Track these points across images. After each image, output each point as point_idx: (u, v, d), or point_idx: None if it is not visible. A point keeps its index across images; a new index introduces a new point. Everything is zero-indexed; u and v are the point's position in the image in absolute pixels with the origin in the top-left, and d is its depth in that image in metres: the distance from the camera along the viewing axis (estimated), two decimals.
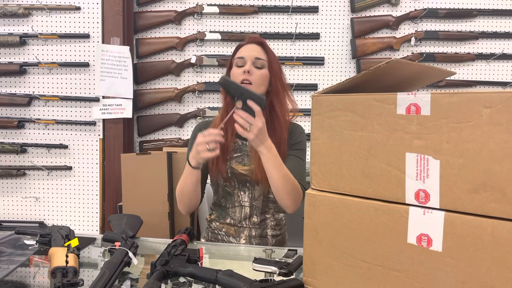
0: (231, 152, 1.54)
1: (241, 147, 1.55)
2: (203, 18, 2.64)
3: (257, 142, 1.30)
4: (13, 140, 2.58)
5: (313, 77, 2.66)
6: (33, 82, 2.57)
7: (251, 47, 1.53)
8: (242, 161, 1.53)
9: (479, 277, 0.79)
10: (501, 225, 0.77)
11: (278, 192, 1.39)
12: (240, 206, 1.55)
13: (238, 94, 1.26)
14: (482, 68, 2.64)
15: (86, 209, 2.62)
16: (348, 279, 0.99)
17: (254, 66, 1.49)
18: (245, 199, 1.54)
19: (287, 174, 1.38)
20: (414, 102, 0.86)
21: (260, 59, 1.50)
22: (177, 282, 1.12)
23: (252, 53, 1.50)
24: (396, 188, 0.90)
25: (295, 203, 1.42)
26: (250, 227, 1.55)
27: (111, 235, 1.33)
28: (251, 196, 1.54)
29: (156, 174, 2.08)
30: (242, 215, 1.55)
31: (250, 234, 1.54)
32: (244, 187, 1.54)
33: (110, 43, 2.48)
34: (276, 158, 1.35)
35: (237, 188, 1.55)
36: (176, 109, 2.69)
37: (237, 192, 1.55)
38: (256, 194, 1.54)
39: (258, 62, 1.49)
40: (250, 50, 1.51)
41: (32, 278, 1.22)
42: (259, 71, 1.49)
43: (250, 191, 1.54)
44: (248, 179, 1.52)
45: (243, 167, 1.52)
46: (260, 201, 1.54)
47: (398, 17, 2.59)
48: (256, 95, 1.27)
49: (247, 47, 1.53)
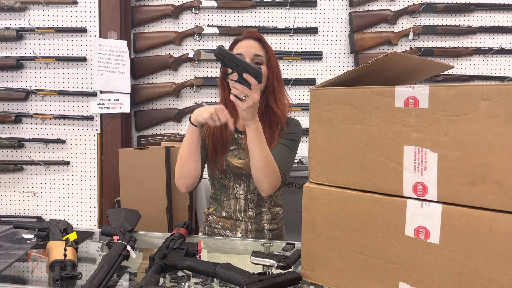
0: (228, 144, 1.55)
1: (237, 140, 1.56)
2: (200, 12, 2.63)
3: (248, 115, 1.30)
4: (10, 135, 2.57)
5: (311, 71, 2.66)
6: (30, 77, 2.56)
7: (249, 43, 1.52)
8: (238, 154, 1.54)
9: (476, 269, 0.80)
10: (498, 217, 0.77)
11: (256, 171, 1.39)
12: (235, 199, 1.55)
13: (234, 66, 1.26)
14: (480, 62, 2.65)
15: (84, 204, 2.62)
16: (346, 272, 0.99)
17: (253, 62, 1.48)
18: (240, 191, 1.55)
19: (268, 155, 1.38)
20: (412, 95, 0.86)
21: (259, 55, 1.50)
22: (175, 276, 1.12)
23: (251, 50, 1.49)
24: (394, 181, 0.90)
25: (270, 187, 1.41)
26: (246, 221, 1.55)
27: (109, 229, 1.33)
28: (246, 189, 1.54)
29: (154, 169, 2.07)
30: (237, 208, 1.55)
31: (246, 228, 1.55)
32: (239, 180, 1.54)
33: (107, 37, 2.47)
34: (260, 137, 1.35)
35: (232, 181, 1.55)
36: (174, 104, 2.68)
37: (232, 184, 1.55)
38: (251, 187, 1.54)
39: (257, 59, 1.49)
40: (249, 47, 1.50)
41: (30, 273, 1.22)
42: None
43: (245, 184, 1.54)
44: (243, 172, 1.52)
45: (238, 160, 1.53)
46: (255, 194, 1.55)
47: (396, 12, 2.59)
48: (253, 68, 1.27)
49: (246, 42, 1.52)
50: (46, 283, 1.11)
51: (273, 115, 1.52)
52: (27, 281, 1.17)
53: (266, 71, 1.51)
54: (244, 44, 1.52)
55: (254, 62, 1.48)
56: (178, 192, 2.09)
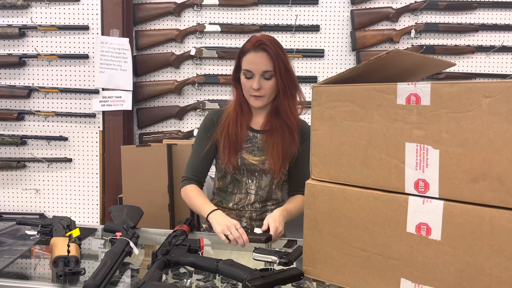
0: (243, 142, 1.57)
1: (251, 139, 1.58)
2: (202, 10, 2.63)
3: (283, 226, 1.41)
4: (13, 132, 2.57)
5: (313, 69, 2.66)
6: (33, 74, 2.56)
7: (257, 58, 1.48)
8: (252, 152, 1.57)
9: (477, 266, 0.80)
10: (499, 214, 0.78)
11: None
12: (246, 193, 1.59)
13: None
14: (482, 60, 2.64)
15: (86, 201, 2.62)
16: (347, 268, 1.00)
17: (263, 78, 1.49)
18: (252, 187, 1.59)
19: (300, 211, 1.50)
20: (414, 92, 0.87)
21: (268, 71, 1.48)
22: (177, 272, 1.13)
23: (260, 67, 1.47)
24: (396, 177, 0.91)
25: None
26: (251, 211, 1.60)
27: (112, 226, 1.33)
28: (258, 185, 1.58)
29: (156, 166, 2.08)
30: (246, 202, 1.59)
31: (251, 216, 1.60)
32: (252, 176, 1.58)
33: (109, 35, 2.47)
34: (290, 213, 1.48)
35: (245, 176, 1.59)
36: (176, 102, 2.68)
37: (245, 180, 1.59)
38: (263, 184, 1.58)
39: (266, 75, 1.49)
40: (258, 63, 1.48)
41: (33, 270, 1.23)
42: (268, 82, 1.49)
43: (257, 180, 1.58)
44: (257, 169, 1.56)
45: (253, 157, 1.57)
46: (266, 191, 1.59)
47: (398, 9, 2.58)
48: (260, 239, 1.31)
49: (254, 57, 1.48)
50: (49, 279, 1.12)
51: (286, 119, 1.54)
52: (30, 277, 1.18)
53: (274, 84, 1.50)
54: (253, 58, 1.49)
55: (264, 78, 1.49)
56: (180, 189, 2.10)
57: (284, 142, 1.54)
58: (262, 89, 1.49)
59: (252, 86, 1.49)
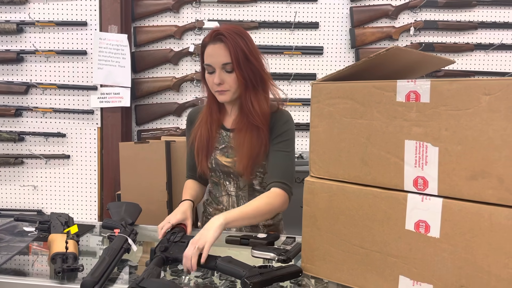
0: (215, 143, 1.51)
1: (224, 138, 1.51)
2: (201, 6, 2.62)
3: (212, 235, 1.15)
4: (10, 128, 2.57)
5: (312, 66, 2.65)
6: (31, 70, 2.55)
7: (215, 50, 1.38)
8: (226, 153, 1.50)
9: (476, 263, 0.80)
10: (498, 211, 0.78)
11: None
12: (227, 195, 1.54)
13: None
14: (481, 58, 2.64)
15: (84, 198, 2.62)
16: (346, 265, 1.00)
17: (224, 71, 1.38)
18: (231, 188, 1.53)
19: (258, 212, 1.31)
20: (414, 90, 0.87)
21: (227, 63, 1.37)
22: (175, 269, 1.13)
23: (218, 59, 1.37)
24: (395, 175, 0.91)
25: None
26: None
27: (110, 222, 1.33)
28: (236, 186, 1.52)
29: (154, 163, 2.08)
30: (230, 203, 1.54)
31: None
32: (228, 178, 1.52)
33: (107, 31, 2.46)
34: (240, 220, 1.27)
35: (222, 178, 1.53)
36: (174, 98, 2.68)
37: (222, 182, 1.54)
38: (241, 184, 1.51)
39: (227, 67, 1.38)
40: (215, 55, 1.38)
41: (31, 266, 1.22)
42: (231, 75, 1.38)
43: (234, 182, 1.52)
44: (231, 171, 1.49)
45: (226, 158, 1.49)
46: (246, 190, 1.52)
47: (397, 7, 2.58)
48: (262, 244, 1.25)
49: (212, 49, 1.39)
50: (47, 276, 1.12)
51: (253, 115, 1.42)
52: (28, 274, 1.17)
53: (234, 78, 1.38)
54: (211, 51, 1.39)
55: (225, 70, 1.38)
56: (178, 186, 2.09)
57: (252, 140, 1.42)
58: (225, 83, 1.38)
59: (214, 80, 1.39)
